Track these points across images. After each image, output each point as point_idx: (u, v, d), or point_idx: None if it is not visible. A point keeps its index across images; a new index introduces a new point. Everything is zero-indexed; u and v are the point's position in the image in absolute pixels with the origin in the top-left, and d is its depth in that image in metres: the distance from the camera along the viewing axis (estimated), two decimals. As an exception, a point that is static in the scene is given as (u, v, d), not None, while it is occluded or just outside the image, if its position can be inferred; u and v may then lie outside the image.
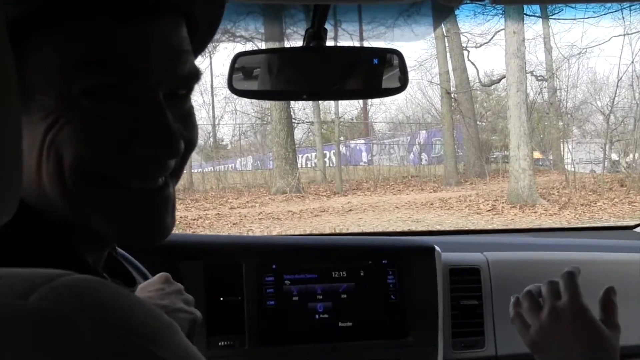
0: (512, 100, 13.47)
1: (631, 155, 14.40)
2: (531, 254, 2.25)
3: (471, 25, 14.72)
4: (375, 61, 1.83)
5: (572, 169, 14.27)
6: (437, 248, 2.06)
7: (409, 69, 1.80)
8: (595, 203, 12.64)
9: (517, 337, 2.00)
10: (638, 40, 13.84)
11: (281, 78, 1.86)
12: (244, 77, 1.82)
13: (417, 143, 16.57)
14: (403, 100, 16.57)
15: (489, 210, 12.52)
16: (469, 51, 15.27)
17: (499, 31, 13.92)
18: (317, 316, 1.97)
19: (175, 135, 0.92)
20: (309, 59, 1.85)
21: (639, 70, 14.16)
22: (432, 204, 13.14)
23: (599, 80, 15.42)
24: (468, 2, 1.73)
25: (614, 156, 14.75)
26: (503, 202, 12.83)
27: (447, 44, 15.11)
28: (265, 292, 1.96)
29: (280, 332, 1.94)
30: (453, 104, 15.10)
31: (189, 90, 0.99)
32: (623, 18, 13.08)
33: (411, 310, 2.00)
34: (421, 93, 16.05)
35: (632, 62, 14.20)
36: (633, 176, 13.52)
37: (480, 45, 15.18)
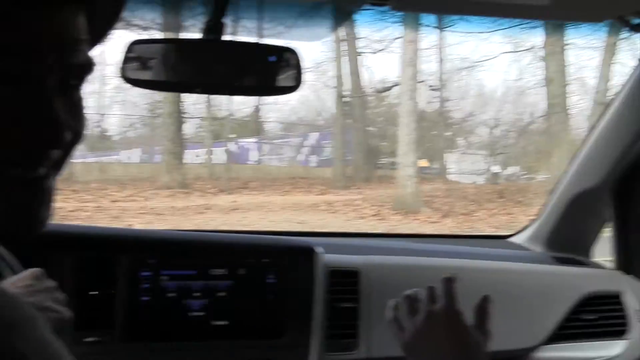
0: (403, 107, 13.74)
1: (511, 169, 14.88)
2: (411, 259, 2.28)
3: (369, 31, 14.95)
4: (272, 58, 1.81)
5: (456, 179, 14.65)
6: (318, 249, 2.06)
7: (304, 70, 1.78)
8: (475, 213, 12.97)
9: (391, 340, 2.03)
10: (524, 58, 14.26)
11: (176, 69, 1.82)
12: (138, 66, 1.79)
13: (307, 145, 16.81)
14: (296, 101, 16.76)
15: (373, 215, 12.75)
16: (365, 56, 15.49)
17: (395, 39, 14.15)
18: (192, 313, 1.94)
19: (61, 126, 0.90)
20: (205, 52, 1.83)
21: (523, 87, 14.60)
22: (318, 206, 13.31)
23: (486, 94, 15.85)
24: (367, 7, 1.73)
25: (495, 168, 15.21)
26: (388, 208, 13.05)
27: (344, 48, 15.31)
28: (141, 287, 1.93)
29: (153, 328, 1.92)
30: (345, 108, 15.30)
31: (81, 80, 0.97)
32: (512, 35, 13.48)
33: (288, 311, 2.00)
34: (315, 95, 16.27)
35: (518, 78, 14.65)
36: (511, 189, 13.94)
37: (376, 52, 15.42)
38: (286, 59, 1.78)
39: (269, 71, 1.79)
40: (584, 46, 13.76)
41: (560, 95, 13.80)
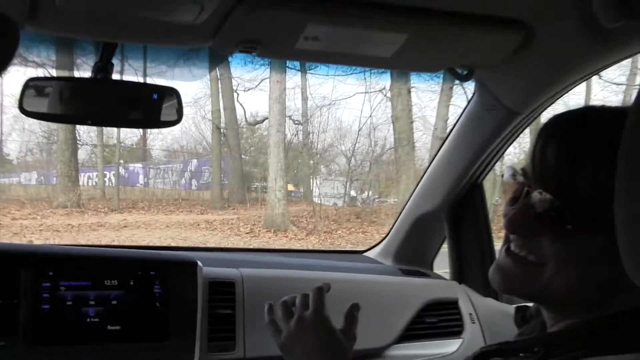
0: (272, 139, 13.81)
1: (366, 193, 15.06)
2: (281, 272, 2.31)
3: (242, 72, 14.93)
4: (155, 96, 1.84)
5: (319, 201, 14.72)
6: (199, 263, 2.07)
7: (184, 105, 1.82)
8: (336, 231, 13.08)
9: (263, 342, 2.06)
10: (375, 98, 14.47)
11: (69, 104, 1.83)
12: (34, 100, 1.79)
13: (188, 170, 16.67)
14: (178, 131, 16.59)
15: (247, 233, 12.73)
16: (238, 93, 15.50)
17: (264, 79, 14.18)
18: (88, 319, 1.92)
19: None
20: (96, 89, 1.84)
21: (375, 123, 14.80)
22: (199, 225, 13.20)
23: (344, 128, 16.04)
24: (239, 52, 1.76)
25: (353, 192, 15.35)
26: (260, 227, 13.05)
27: (220, 86, 15.25)
28: (41, 297, 1.90)
29: (54, 333, 1.89)
30: (222, 138, 15.26)
31: None
32: (365, 79, 13.68)
33: (173, 317, 1.99)
34: (195, 126, 16.13)
35: (370, 115, 14.85)
36: (367, 210, 14.09)
37: (248, 90, 15.43)
38: (168, 96, 1.82)
39: (153, 107, 1.82)
40: (425, 89, 14.10)
41: (406, 131, 14.07)
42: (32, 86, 1.77)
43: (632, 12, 1.50)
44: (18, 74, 1.79)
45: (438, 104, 13.79)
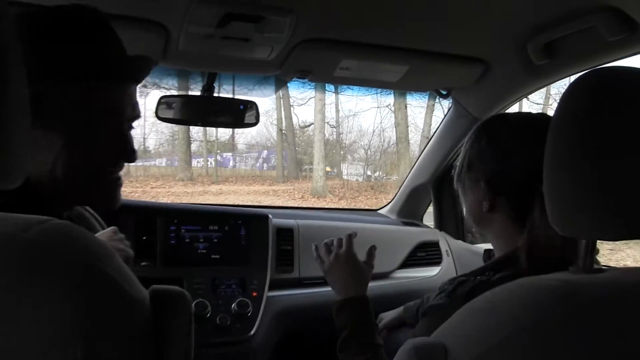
0: (316, 137, 13.81)
1: (377, 173, 15.00)
2: (322, 222, 2.31)
3: (297, 92, 14.92)
4: (241, 107, 1.86)
5: (347, 178, 14.68)
6: (270, 216, 2.09)
7: (260, 113, 1.84)
8: (357, 197, 13.02)
9: (311, 268, 2.09)
10: (384, 110, 14.47)
11: (186, 112, 1.87)
12: (164, 110, 1.83)
13: (261, 157, 16.63)
14: (255, 132, 16.69)
15: (300, 198, 12.72)
16: (293, 107, 15.46)
17: (311, 97, 14.17)
18: (199, 251, 1.96)
19: (135, 150, 1.04)
20: (203, 102, 1.87)
21: (384, 127, 14.77)
22: (267, 193, 13.21)
23: (363, 130, 16.01)
24: (296, 78, 1.79)
25: (369, 172, 15.26)
26: (308, 194, 13.04)
27: (282, 102, 15.23)
28: (170, 235, 1.94)
29: (178, 259, 1.92)
30: (283, 137, 15.24)
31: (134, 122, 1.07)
32: (377, 97, 13.68)
33: (253, 250, 2.02)
34: (265, 129, 16.15)
35: (380, 122, 14.82)
36: (378, 184, 14.06)
37: (300, 105, 15.39)
38: (249, 107, 1.84)
39: (240, 114, 1.84)
40: (417, 105, 14.07)
41: (404, 132, 14.04)
42: (164, 101, 1.82)
43: (552, 54, 1.58)
44: (154, 96, 1.84)
45: (425, 114, 13.75)
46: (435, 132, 2.39)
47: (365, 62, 1.67)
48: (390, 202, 2.80)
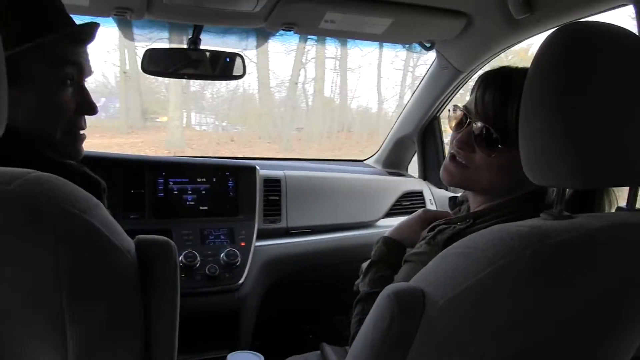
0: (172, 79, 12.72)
1: (225, 123, 13.97)
2: (310, 172, 2.34)
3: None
4: (227, 59, 1.87)
5: (197, 128, 13.91)
6: (257, 167, 2.11)
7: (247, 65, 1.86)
8: (220, 152, 12.24)
9: (297, 217, 2.13)
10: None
11: (171, 65, 1.87)
12: (150, 63, 1.85)
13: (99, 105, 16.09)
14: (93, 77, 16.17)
15: (153, 153, 11.86)
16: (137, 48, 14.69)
17: (160, 38, 13.39)
18: (187, 203, 1.98)
19: (95, 105, 1.15)
20: (189, 55, 1.87)
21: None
22: (111, 147, 11.87)
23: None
24: (282, 30, 1.79)
25: (224, 123, 14.46)
26: (162, 148, 12.16)
27: (124, 40, 14.51)
28: (158, 188, 1.96)
29: (166, 211, 1.95)
30: (127, 80, 14.42)
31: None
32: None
33: (241, 201, 2.04)
34: (102, 74, 15.57)
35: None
36: (239, 137, 12.89)
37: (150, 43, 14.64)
38: (235, 59, 1.86)
39: (226, 66, 1.87)
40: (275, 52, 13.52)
41: (265, 78, 13.22)
42: (148, 54, 1.82)
43: (532, 9, 1.60)
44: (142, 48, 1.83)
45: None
46: (419, 84, 2.41)
47: (350, 15, 1.67)
48: (375, 153, 2.83)
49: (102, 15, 1.84)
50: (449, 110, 1.22)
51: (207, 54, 1.88)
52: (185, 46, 1.87)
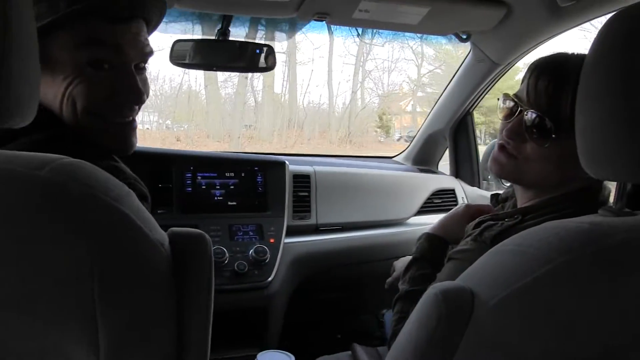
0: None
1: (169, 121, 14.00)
2: (339, 168, 2.30)
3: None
4: (257, 51, 1.84)
5: (140, 127, 13.75)
6: (287, 162, 2.08)
7: (277, 56, 1.83)
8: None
9: (327, 213, 2.09)
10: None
11: (201, 57, 1.85)
12: (179, 54, 1.81)
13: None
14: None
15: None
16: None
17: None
18: (215, 198, 1.96)
19: (141, 91, 1.03)
20: (218, 46, 1.85)
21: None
22: None
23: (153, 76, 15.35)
24: (314, 20, 1.76)
25: (168, 121, 14.41)
26: None
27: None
28: (185, 183, 1.94)
29: (194, 206, 1.92)
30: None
31: (146, 63, 1.07)
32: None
33: (270, 197, 2.01)
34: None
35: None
36: (185, 136, 12.98)
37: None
38: (265, 51, 1.82)
39: (256, 58, 1.82)
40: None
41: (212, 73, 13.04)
42: (177, 46, 1.80)
43: None
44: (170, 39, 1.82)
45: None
46: (452, 77, 2.36)
47: (385, 4, 1.62)
48: (405, 149, 2.79)
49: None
50: (499, 100, 1.17)
51: (237, 44, 1.86)
52: (214, 37, 1.85)
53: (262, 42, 1.89)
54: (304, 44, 8.91)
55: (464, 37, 1.97)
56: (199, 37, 2.08)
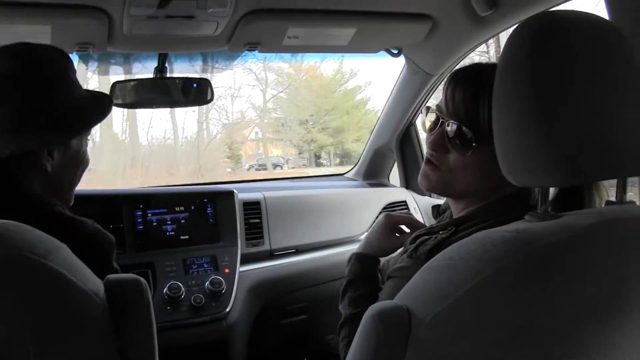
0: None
1: None
2: (290, 192, 2.31)
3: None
4: (194, 85, 1.85)
5: None
6: (235, 191, 2.08)
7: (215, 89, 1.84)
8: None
9: (280, 239, 2.09)
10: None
11: (140, 95, 1.85)
12: (118, 95, 1.82)
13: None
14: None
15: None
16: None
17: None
18: (167, 233, 1.95)
19: None
20: (157, 84, 1.86)
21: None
22: None
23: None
24: (246, 51, 1.77)
25: None
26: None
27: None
28: (136, 221, 1.93)
29: (147, 243, 1.91)
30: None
31: None
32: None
33: (222, 227, 2.01)
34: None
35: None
36: None
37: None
38: (202, 84, 1.85)
39: (194, 92, 1.85)
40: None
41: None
42: (117, 87, 1.80)
43: (497, 4, 1.58)
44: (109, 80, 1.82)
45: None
46: (391, 91, 2.39)
47: (312, 29, 1.66)
48: (355, 165, 2.80)
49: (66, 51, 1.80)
50: (421, 112, 1.18)
51: (176, 81, 1.87)
52: (152, 75, 1.85)
53: (198, 75, 1.90)
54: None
55: (395, 51, 2.01)
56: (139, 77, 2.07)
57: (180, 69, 2.08)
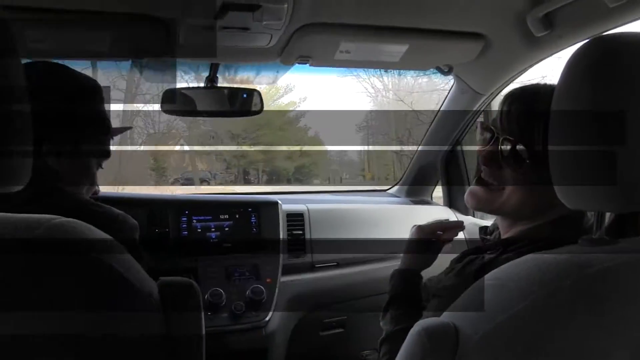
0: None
1: None
2: (333, 205, 2.32)
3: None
4: (244, 95, 1.87)
5: None
6: (279, 202, 2.10)
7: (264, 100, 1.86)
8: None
9: (323, 251, 2.09)
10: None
11: (190, 104, 1.88)
12: (170, 102, 1.85)
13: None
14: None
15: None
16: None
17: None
18: (211, 240, 1.97)
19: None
20: (207, 94, 1.88)
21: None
22: None
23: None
24: (297, 63, 1.78)
25: None
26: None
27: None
28: (181, 227, 1.96)
29: (191, 249, 1.94)
30: None
31: None
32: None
33: (265, 237, 2.03)
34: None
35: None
36: None
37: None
38: (253, 95, 1.86)
39: (244, 102, 1.87)
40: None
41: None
42: (168, 95, 1.83)
43: (552, 25, 1.56)
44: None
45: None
46: (439, 109, 2.37)
47: (364, 44, 1.66)
48: (398, 182, 2.79)
49: (121, 59, 1.85)
50: (476, 128, 1.17)
51: (225, 91, 1.89)
52: (203, 84, 1.87)
53: (249, 86, 1.92)
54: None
55: (446, 70, 2.00)
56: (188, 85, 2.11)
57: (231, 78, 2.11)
